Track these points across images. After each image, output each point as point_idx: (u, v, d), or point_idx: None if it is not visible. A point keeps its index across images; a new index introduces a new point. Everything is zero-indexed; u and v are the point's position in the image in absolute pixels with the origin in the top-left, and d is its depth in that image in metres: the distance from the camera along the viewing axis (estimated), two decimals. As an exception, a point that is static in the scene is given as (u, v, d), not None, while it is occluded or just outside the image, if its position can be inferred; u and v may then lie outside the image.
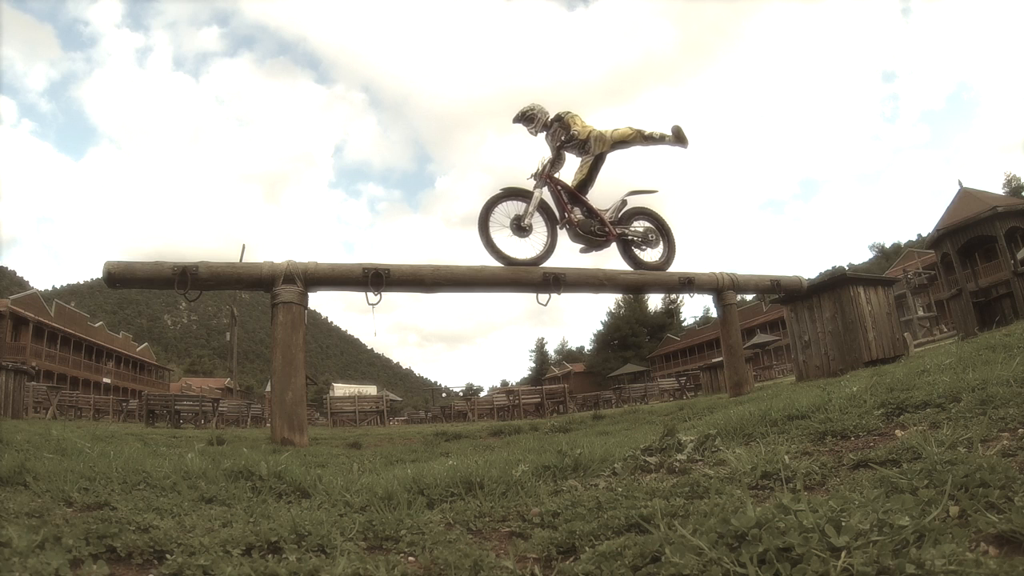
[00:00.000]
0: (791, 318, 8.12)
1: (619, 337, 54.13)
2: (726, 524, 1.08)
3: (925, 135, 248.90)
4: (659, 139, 6.95)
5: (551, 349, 67.57)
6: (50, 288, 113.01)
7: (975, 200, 18.88)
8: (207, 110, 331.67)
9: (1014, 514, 0.99)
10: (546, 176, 6.79)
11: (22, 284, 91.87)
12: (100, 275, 5.62)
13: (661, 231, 7.49)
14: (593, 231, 6.82)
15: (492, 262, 6.59)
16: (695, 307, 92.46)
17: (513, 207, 6.62)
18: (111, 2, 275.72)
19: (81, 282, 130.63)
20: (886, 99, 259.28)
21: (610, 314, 56.19)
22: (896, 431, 1.99)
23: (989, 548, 0.95)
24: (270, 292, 5.75)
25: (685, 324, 56.46)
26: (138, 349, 47.50)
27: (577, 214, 6.86)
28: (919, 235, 59.39)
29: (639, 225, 7.35)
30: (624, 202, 7.19)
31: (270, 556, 1.29)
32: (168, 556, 1.26)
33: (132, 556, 1.30)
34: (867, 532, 0.98)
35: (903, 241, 66.28)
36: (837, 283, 7.54)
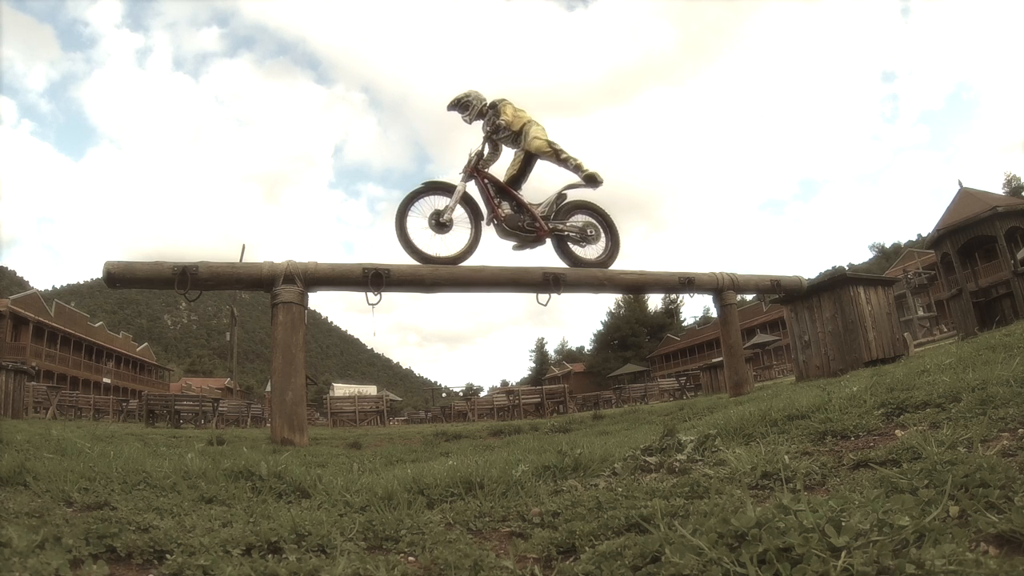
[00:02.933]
0: (791, 318, 8.12)
1: (619, 337, 54.13)
2: (726, 524, 1.08)
3: (925, 135, 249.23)
4: (573, 168, 6.49)
5: (551, 349, 67.70)
6: (50, 288, 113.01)
7: (975, 200, 18.86)
8: (207, 110, 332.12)
9: (1014, 514, 0.99)
10: (472, 169, 6.38)
11: (22, 284, 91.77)
12: (100, 275, 5.62)
13: (604, 226, 7.00)
14: (521, 226, 6.38)
15: (492, 262, 6.57)
16: (695, 307, 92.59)
17: (436, 202, 6.24)
18: (111, 2, 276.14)
19: (81, 282, 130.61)
20: (886, 99, 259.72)
21: (610, 314, 56.26)
22: (896, 431, 1.99)
23: (989, 548, 0.95)
24: (270, 292, 5.75)
25: (685, 324, 56.48)
26: (138, 349, 47.49)
27: (505, 209, 6.41)
28: (919, 235, 59.40)
29: (577, 220, 6.86)
30: (562, 196, 6.73)
31: (270, 556, 1.29)
32: (168, 556, 1.26)
33: (132, 556, 1.30)
34: (867, 532, 0.98)
35: (903, 241, 66.37)
36: (837, 283, 7.54)
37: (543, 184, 6.89)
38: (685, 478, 1.75)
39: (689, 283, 7.58)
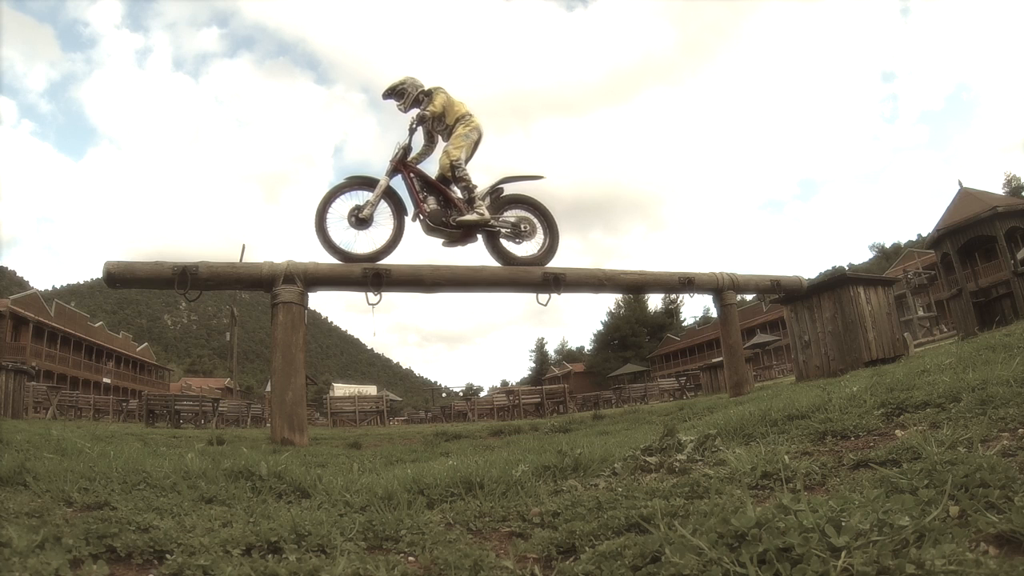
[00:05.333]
0: (791, 318, 8.12)
1: (619, 337, 54.17)
2: (726, 524, 1.08)
3: (925, 135, 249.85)
4: (466, 199, 6.18)
5: (551, 349, 67.72)
6: (50, 288, 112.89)
7: (975, 200, 18.84)
8: (207, 110, 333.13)
9: (1014, 514, 0.99)
10: (398, 163, 6.10)
11: (22, 284, 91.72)
12: (100, 275, 5.62)
13: (541, 221, 6.68)
14: (446, 222, 6.13)
15: (492, 262, 6.54)
16: (695, 307, 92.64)
17: (360, 197, 6.03)
18: (111, 3, 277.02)
19: (81, 282, 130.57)
20: (886, 99, 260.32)
21: (610, 314, 56.30)
22: (896, 431, 1.99)
23: (989, 548, 0.95)
24: (270, 292, 5.74)
25: (685, 324, 56.50)
26: (138, 349, 47.49)
27: (430, 204, 6.14)
28: (919, 235, 59.31)
29: (511, 215, 6.52)
30: (497, 190, 6.43)
31: (270, 556, 1.29)
32: (168, 556, 1.26)
33: (132, 556, 1.30)
34: (867, 532, 0.98)
35: (903, 241, 66.28)
36: (837, 283, 7.54)
37: (486, 174, 6.55)
38: (685, 478, 1.75)
39: (689, 283, 7.58)
